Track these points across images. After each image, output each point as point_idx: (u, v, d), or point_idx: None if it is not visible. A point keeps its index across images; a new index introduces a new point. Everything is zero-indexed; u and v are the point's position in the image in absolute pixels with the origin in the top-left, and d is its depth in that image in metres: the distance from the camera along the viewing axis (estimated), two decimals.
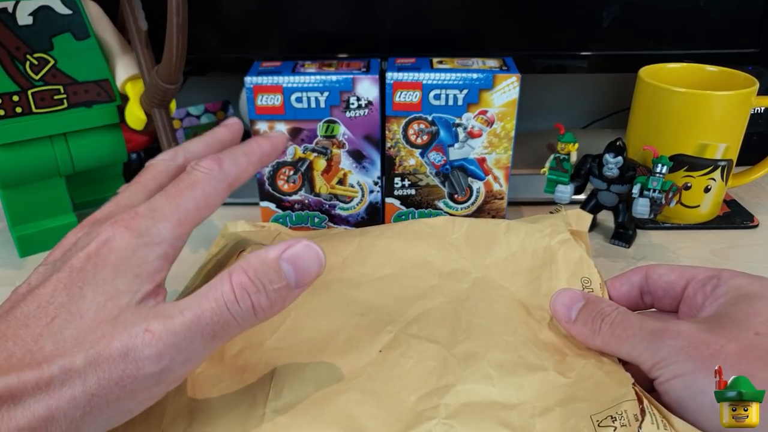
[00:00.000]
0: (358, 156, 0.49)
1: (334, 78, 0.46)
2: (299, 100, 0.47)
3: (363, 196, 0.51)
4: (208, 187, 0.30)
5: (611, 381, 0.30)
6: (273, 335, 0.33)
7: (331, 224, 0.52)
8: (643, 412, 0.27)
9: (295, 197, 0.51)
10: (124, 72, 0.48)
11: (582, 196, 0.52)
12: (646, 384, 0.30)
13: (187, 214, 0.29)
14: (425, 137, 0.48)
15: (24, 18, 0.45)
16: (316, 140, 0.48)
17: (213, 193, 0.31)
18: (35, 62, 0.45)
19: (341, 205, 0.51)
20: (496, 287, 0.38)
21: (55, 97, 0.46)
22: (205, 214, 0.31)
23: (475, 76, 0.46)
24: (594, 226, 0.53)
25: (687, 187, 0.51)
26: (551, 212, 0.44)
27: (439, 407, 0.29)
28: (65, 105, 0.47)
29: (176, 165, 0.33)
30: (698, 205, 0.52)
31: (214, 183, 0.31)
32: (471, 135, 0.48)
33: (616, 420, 0.27)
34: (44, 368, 0.24)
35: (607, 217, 0.53)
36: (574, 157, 0.49)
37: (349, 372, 0.31)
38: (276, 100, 0.47)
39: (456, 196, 0.51)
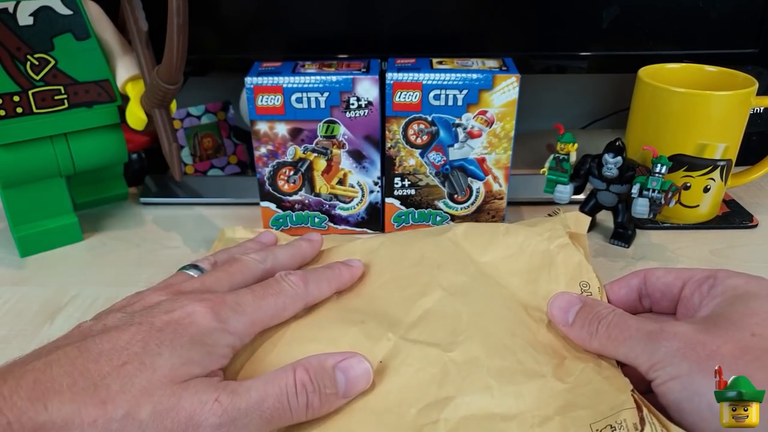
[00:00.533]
0: (358, 156, 0.49)
1: (334, 78, 0.46)
2: (299, 100, 0.47)
3: (363, 196, 0.51)
4: (289, 301, 0.34)
5: (610, 387, 0.30)
6: (274, 349, 0.33)
7: (331, 224, 0.52)
8: (642, 421, 0.27)
9: (295, 197, 0.51)
10: (125, 72, 0.48)
11: (581, 196, 0.53)
12: (644, 386, 0.30)
13: (263, 318, 0.32)
14: (425, 137, 0.48)
15: (25, 18, 0.45)
16: (316, 140, 0.49)
17: (291, 307, 0.34)
18: (36, 62, 0.46)
19: (341, 205, 0.51)
20: (494, 284, 0.38)
21: (56, 98, 0.46)
22: (277, 322, 0.33)
23: (474, 76, 0.46)
24: (593, 226, 0.53)
25: (686, 187, 0.51)
26: (550, 214, 0.44)
27: (439, 423, 0.29)
28: (66, 105, 0.47)
29: (264, 268, 0.37)
30: (697, 205, 0.52)
31: (295, 299, 0.34)
32: (471, 135, 0.48)
33: (615, 429, 0.27)
34: (108, 408, 0.25)
35: (606, 217, 0.53)
36: (573, 158, 0.49)
37: None
38: (276, 100, 0.47)
39: (456, 196, 0.51)
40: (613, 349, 0.31)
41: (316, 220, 0.52)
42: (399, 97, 0.47)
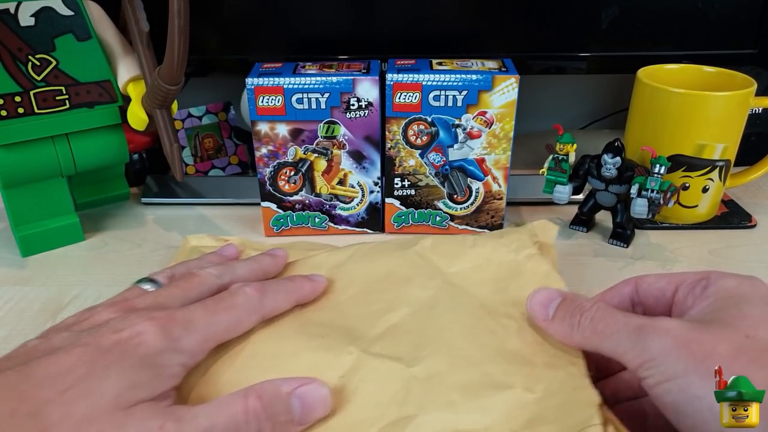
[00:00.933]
0: (358, 156, 0.49)
1: (334, 79, 0.47)
2: (300, 101, 0.47)
3: (363, 196, 0.51)
4: (243, 315, 0.33)
5: (579, 400, 0.29)
6: (232, 365, 0.32)
7: (331, 224, 0.52)
8: None
9: (295, 197, 0.51)
10: (126, 73, 0.48)
11: (580, 197, 0.53)
12: (631, 391, 0.29)
13: (216, 334, 0.31)
14: (425, 138, 0.49)
15: (26, 19, 0.45)
16: (316, 141, 0.49)
17: (245, 321, 0.33)
18: (37, 63, 0.46)
19: (341, 205, 0.51)
20: (461, 294, 0.37)
21: (57, 98, 0.47)
22: (232, 336, 0.32)
23: (474, 77, 0.46)
24: (592, 226, 0.54)
25: (685, 188, 0.51)
26: (517, 224, 0.44)
27: None
28: (67, 106, 0.47)
29: (220, 283, 0.35)
30: (696, 205, 0.52)
31: (250, 313, 0.33)
32: (470, 136, 0.48)
33: None
34: None
35: (605, 217, 0.53)
36: (572, 158, 0.49)
37: None
38: (277, 101, 0.47)
39: (455, 196, 0.51)
40: (597, 341, 0.30)
41: (317, 220, 0.52)
42: (399, 97, 0.47)
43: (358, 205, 0.52)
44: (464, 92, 0.47)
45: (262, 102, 0.47)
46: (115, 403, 0.26)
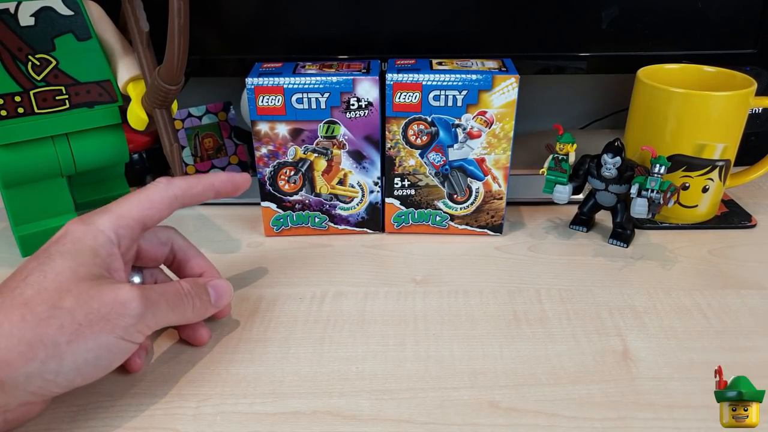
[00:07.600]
0: (358, 156, 0.49)
1: (334, 79, 0.47)
2: (300, 101, 0.47)
3: (363, 196, 0.51)
4: (153, 192, 0.37)
5: None
6: None
7: (331, 224, 0.52)
8: None
9: (295, 197, 0.51)
10: (126, 73, 0.48)
11: (580, 197, 0.53)
12: None
13: (130, 210, 0.36)
14: (425, 138, 0.49)
15: (26, 19, 0.45)
16: (316, 141, 0.49)
17: (156, 196, 0.37)
18: (37, 63, 0.46)
19: (341, 205, 0.51)
20: None
21: (57, 98, 0.46)
22: (150, 212, 0.37)
23: (474, 77, 0.46)
24: (592, 226, 0.54)
25: (685, 187, 0.51)
26: None
27: None
28: (67, 105, 0.47)
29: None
30: (696, 205, 0.52)
31: (160, 189, 0.38)
32: (470, 136, 0.48)
33: None
34: (32, 305, 0.30)
35: (605, 217, 0.53)
36: (572, 158, 0.49)
37: None
38: (277, 101, 0.47)
39: (455, 196, 0.51)
40: None
41: (317, 220, 0.52)
42: (399, 97, 0.47)
43: (358, 205, 0.52)
44: (464, 92, 0.47)
45: (262, 102, 0.47)
46: (78, 277, 0.31)
